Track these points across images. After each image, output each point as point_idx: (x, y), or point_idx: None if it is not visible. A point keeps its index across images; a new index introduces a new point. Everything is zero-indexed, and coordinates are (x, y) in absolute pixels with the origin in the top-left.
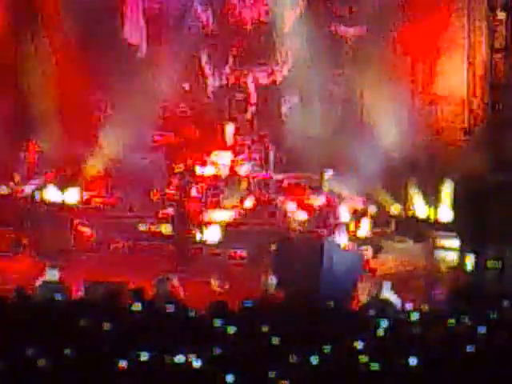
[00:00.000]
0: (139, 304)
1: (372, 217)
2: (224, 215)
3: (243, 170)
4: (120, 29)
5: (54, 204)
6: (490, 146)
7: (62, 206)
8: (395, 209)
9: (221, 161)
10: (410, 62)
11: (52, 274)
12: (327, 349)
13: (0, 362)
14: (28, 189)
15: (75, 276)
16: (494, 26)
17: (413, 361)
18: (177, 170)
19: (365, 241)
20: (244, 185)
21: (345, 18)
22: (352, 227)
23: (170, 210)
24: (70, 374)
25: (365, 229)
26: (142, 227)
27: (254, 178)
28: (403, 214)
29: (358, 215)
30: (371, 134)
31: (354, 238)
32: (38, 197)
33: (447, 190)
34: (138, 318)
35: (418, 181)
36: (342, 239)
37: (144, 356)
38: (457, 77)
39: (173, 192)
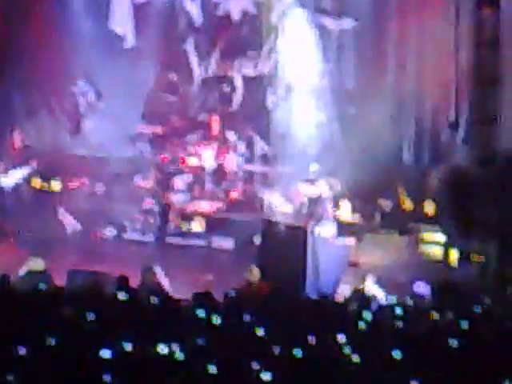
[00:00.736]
0: (123, 293)
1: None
2: (209, 207)
3: (228, 161)
4: (107, 18)
5: (37, 192)
6: (476, 139)
7: (46, 195)
8: (381, 201)
9: (206, 152)
10: (399, 56)
11: (35, 263)
12: (310, 341)
13: None
14: (11, 177)
15: (59, 265)
16: (480, 21)
17: (396, 354)
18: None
19: (348, 228)
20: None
21: (333, 10)
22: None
23: (151, 202)
24: (52, 363)
25: (346, 212)
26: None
27: (239, 169)
28: (389, 206)
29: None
30: (358, 128)
31: (337, 222)
32: (22, 185)
33: (432, 183)
34: (121, 307)
35: (404, 173)
36: (327, 231)
37: (127, 346)
38: (444, 70)
39: (153, 183)
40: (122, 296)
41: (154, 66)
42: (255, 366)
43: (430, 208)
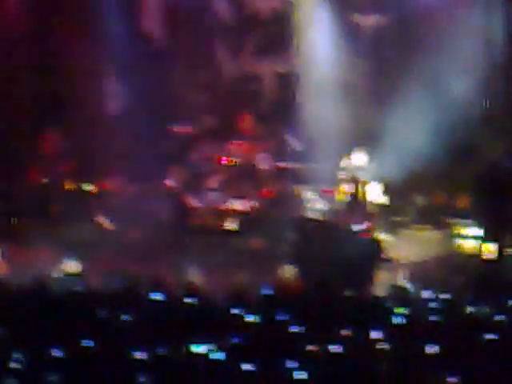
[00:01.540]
0: (158, 294)
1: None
2: (242, 205)
3: (261, 159)
4: (137, 18)
5: (71, 194)
6: (509, 133)
7: (80, 197)
8: (416, 197)
9: (238, 151)
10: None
11: (71, 265)
12: (346, 338)
13: (20, 353)
14: (46, 179)
15: (94, 266)
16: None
17: (431, 349)
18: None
19: (383, 224)
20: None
21: (362, 6)
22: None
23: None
24: (88, 364)
25: (380, 207)
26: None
27: (271, 167)
28: (423, 201)
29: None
30: (390, 123)
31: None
32: (56, 187)
33: (467, 178)
34: (156, 308)
35: (438, 168)
36: (361, 227)
37: (162, 347)
38: (473, 63)
39: (173, 183)
40: (156, 296)
41: (183, 66)
42: (291, 364)
43: (464, 202)
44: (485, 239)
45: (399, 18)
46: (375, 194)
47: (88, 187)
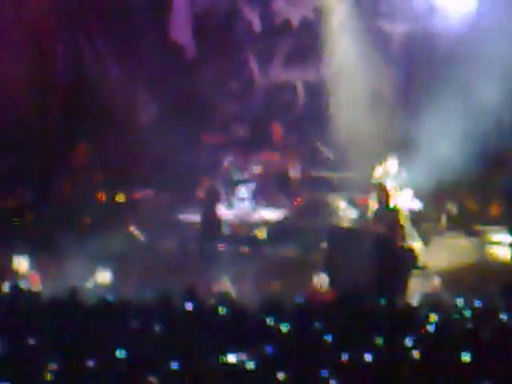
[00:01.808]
0: (191, 304)
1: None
2: (274, 214)
3: (292, 168)
4: (167, 28)
5: (104, 205)
6: None
7: (112, 207)
8: (448, 204)
9: (269, 160)
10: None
11: (103, 276)
12: (379, 346)
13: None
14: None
15: (126, 277)
16: None
17: (465, 356)
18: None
19: (416, 232)
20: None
21: (391, 14)
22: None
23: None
24: (120, 375)
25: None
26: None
27: (303, 176)
28: (455, 209)
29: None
30: (422, 131)
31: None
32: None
33: (499, 185)
34: (190, 318)
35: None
36: (394, 235)
37: (196, 356)
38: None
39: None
40: (189, 307)
41: (214, 75)
42: (324, 373)
43: (496, 209)
44: None
45: (428, 26)
46: (407, 201)
47: (120, 198)
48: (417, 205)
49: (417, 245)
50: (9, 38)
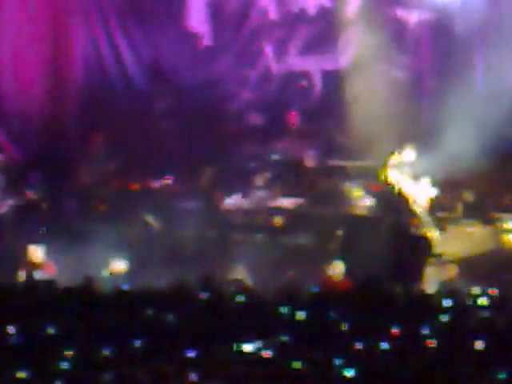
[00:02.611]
0: (207, 293)
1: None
2: (290, 202)
3: (308, 156)
4: (183, 16)
5: (119, 193)
6: None
7: (127, 196)
8: (463, 192)
9: (285, 148)
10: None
11: (118, 265)
12: (395, 335)
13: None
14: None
15: (141, 266)
16: None
17: (480, 345)
18: None
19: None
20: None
21: (409, 2)
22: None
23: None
24: (136, 364)
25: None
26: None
27: (319, 164)
28: (471, 197)
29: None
30: (438, 120)
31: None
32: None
33: None
34: (204, 306)
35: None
36: (410, 223)
37: (211, 345)
38: None
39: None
40: (205, 296)
41: (230, 64)
42: (339, 361)
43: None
44: None
45: (446, 13)
46: (423, 190)
47: (135, 186)
48: (433, 193)
49: (433, 233)
50: (25, 27)
